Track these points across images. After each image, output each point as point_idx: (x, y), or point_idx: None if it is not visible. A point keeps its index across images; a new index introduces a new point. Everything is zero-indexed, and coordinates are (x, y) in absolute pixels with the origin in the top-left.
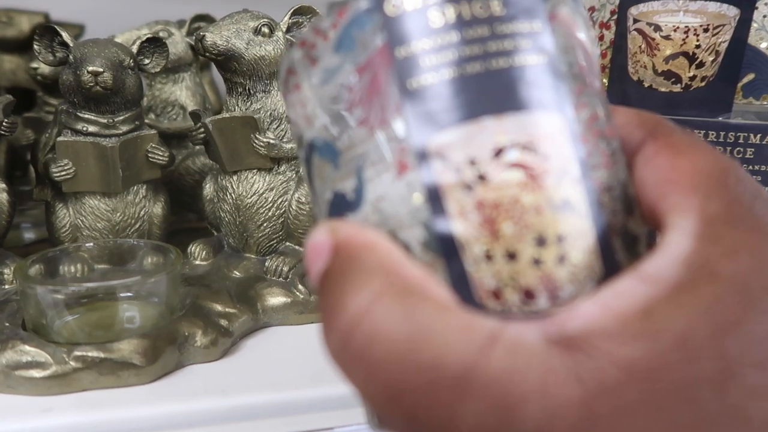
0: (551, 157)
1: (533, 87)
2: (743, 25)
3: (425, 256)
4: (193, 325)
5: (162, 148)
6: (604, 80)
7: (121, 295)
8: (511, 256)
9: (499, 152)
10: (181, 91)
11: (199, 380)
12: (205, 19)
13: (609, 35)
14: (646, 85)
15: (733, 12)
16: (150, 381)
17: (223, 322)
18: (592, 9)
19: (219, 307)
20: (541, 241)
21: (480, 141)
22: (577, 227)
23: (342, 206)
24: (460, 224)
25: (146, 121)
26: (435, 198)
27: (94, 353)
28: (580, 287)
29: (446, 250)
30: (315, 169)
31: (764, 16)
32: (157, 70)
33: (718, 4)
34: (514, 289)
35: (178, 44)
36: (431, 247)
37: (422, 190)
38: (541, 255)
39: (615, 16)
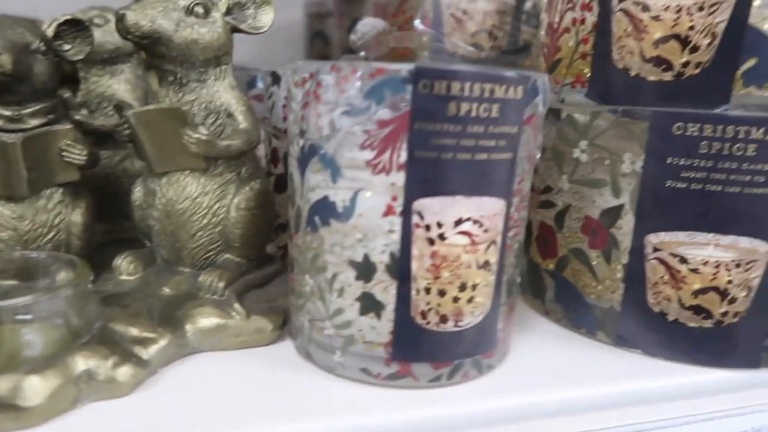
0: (490, 230)
1: (497, 178)
2: (743, 2)
3: (383, 276)
4: (96, 353)
5: (79, 146)
6: (586, 70)
7: (19, 317)
8: (441, 293)
9: (459, 222)
10: (120, 85)
11: (101, 422)
12: None
13: (591, 18)
14: (633, 73)
15: None
16: (36, 425)
17: (138, 350)
18: None
19: (135, 331)
20: (462, 287)
21: (449, 211)
22: (486, 280)
23: (330, 212)
24: (416, 263)
25: (78, 116)
26: (406, 241)
27: None
28: (474, 318)
29: (401, 277)
30: (310, 167)
31: None
32: (80, 57)
33: None
34: (436, 313)
35: (115, 33)
36: (391, 271)
37: (398, 231)
38: (459, 295)
39: (596, 13)
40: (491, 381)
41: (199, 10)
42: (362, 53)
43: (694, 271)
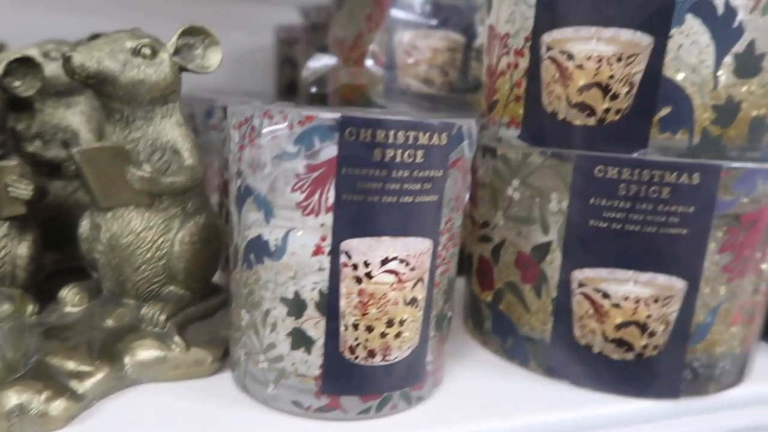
0: (416, 268)
1: (423, 219)
2: (657, 54)
3: (312, 312)
4: (29, 387)
5: (25, 181)
6: (520, 111)
7: None
8: (369, 329)
9: (385, 261)
10: (75, 117)
11: None
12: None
13: (523, 63)
14: (561, 117)
15: (646, 41)
16: None
17: (73, 383)
18: (506, 35)
19: (71, 365)
20: (390, 323)
21: (376, 251)
22: (414, 316)
23: (263, 250)
24: (344, 300)
25: (31, 148)
26: (334, 279)
27: None
28: (402, 352)
29: (330, 314)
30: (246, 207)
31: (680, 46)
32: (30, 93)
33: (632, 31)
34: (364, 348)
35: None
36: (320, 308)
37: (327, 270)
38: (387, 331)
39: (529, 43)
40: (420, 413)
41: (146, 51)
42: (313, 89)
43: (616, 305)
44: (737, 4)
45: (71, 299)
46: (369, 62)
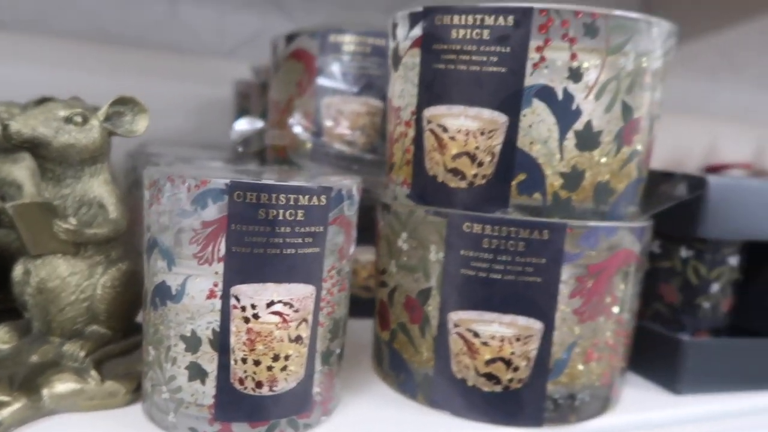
0: (300, 310)
1: (305, 268)
2: (512, 130)
3: (207, 348)
4: None
5: None
6: (410, 173)
7: None
8: (257, 363)
9: (270, 304)
10: (20, 171)
11: None
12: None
13: (411, 132)
14: (439, 180)
15: (503, 119)
16: None
17: None
18: (399, 108)
19: None
20: (276, 358)
21: (262, 295)
22: (299, 352)
23: (166, 294)
24: (234, 338)
25: None
26: (225, 319)
27: None
28: (288, 384)
29: (222, 349)
30: (153, 256)
31: (530, 124)
32: None
33: (491, 111)
34: (252, 380)
35: None
36: (213, 344)
37: (219, 311)
38: (273, 365)
39: (414, 116)
40: None
41: (78, 119)
42: (240, 149)
43: (485, 344)
44: (573, 91)
45: (2, 337)
46: (295, 125)
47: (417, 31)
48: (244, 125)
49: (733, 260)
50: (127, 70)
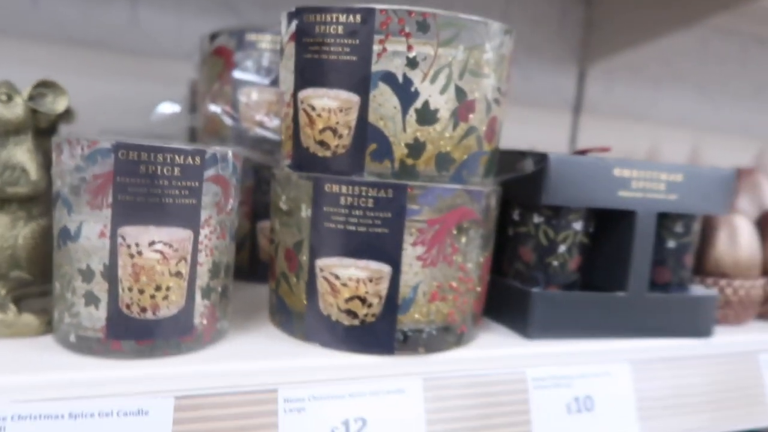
0: (179, 250)
1: (182, 215)
2: (364, 108)
3: (99, 279)
4: None
5: None
6: (290, 146)
7: None
8: (141, 291)
9: (152, 243)
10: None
11: None
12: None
13: (291, 112)
14: (311, 151)
15: (355, 98)
16: None
17: None
18: (283, 93)
19: None
20: (158, 288)
21: (144, 236)
22: (179, 285)
23: (67, 236)
24: (121, 270)
25: None
26: (114, 255)
27: None
28: (170, 311)
29: (111, 280)
30: (57, 205)
31: (379, 104)
32: None
33: (347, 92)
34: (138, 306)
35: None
36: (104, 276)
37: (108, 248)
38: (155, 294)
39: (292, 98)
40: (186, 357)
41: (3, 97)
42: (159, 130)
43: (344, 285)
44: (411, 76)
45: None
46: (214, 109)
47: (292, 28)
48: (164, 109)
49: (578, 225)
50: (89, 73)
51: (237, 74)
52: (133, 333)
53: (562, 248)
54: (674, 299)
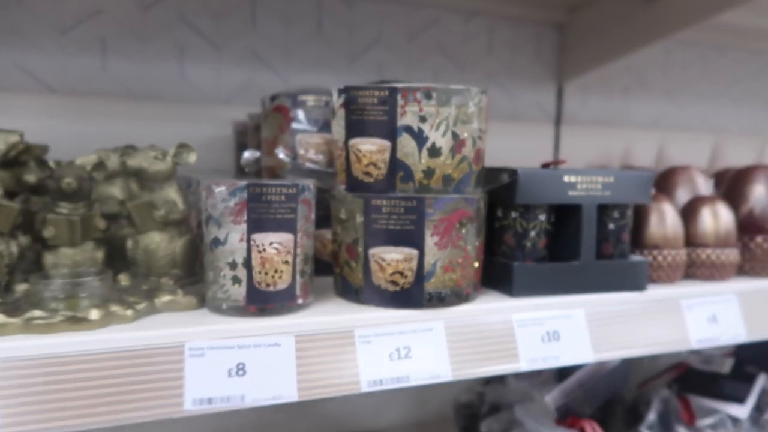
0: (286, 247)
1: (287, 225)
2: (394, 149)
3: (242, 268)
4: None
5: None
6: (344, 176)
7: None
8: (266, 273)
9: (271, 243)
10: (115, 189)
11: None
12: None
13: (343, 154)
14: (359, 179)
15: (387, 144)
16: None
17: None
18: (336, 141)
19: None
20: (276, 271)
21: (266, 239)
22: (287, 269)
23: (218, 243)
24: (254, 261)
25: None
26: (249, 252)
27: None
28: (283, 285)
29: (248, 268)
30: (210, 224)
31: (403, 146)
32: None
33: (381, 140)
34: (264, 283)
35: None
36: (244, 265)
37: (245, 248)
38: (274, 275)
39: (344, 145)
40: (294, 315)
41: (159, 156)
42: (246, 169)
43: (389, 264)
44: (423, 127)
45: (125, 278)
46: (278, 152)
47: (342, 99)
48: (248, 155)
49: (543, 217)
50: (146, 119)
51: (294, 125)
52: (263, 300)
53: (532, 234)
54: (615, 264)
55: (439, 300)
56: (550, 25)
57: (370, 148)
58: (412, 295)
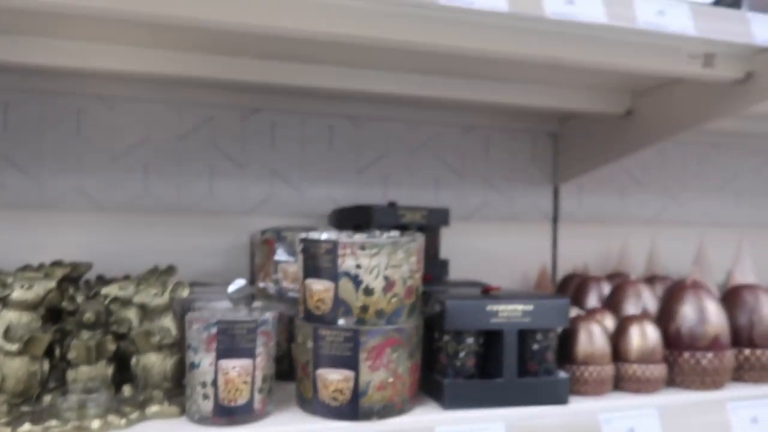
0: (247, 370)
1: (248, 352)
2: (336, 289)
3: (211, 387)
4: None
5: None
6: (303, 309)
7: None
8: (229, 391)
9: (234, 367)
10: (131, 313)
11: None
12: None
13: (303, 290)
14: (312, 311)
15: (332, 285)
16: None
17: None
18: (299, 278)
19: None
20: (237, 390)
21: (230, 364)
22: (247, 387)
23: (195, 366)
24: (220, 381)
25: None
26: (216, 374)
27: None
28: (243, 400)
29: (215, 386)
30: (189, 351)
31: (344, 287)
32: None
33: (328, 281)
34: (228, 399)
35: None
36: (212, 385)
37: (215, 372)
38: (234, 393)
39: (303, 282)
40: (252, 424)
41: (159, 292)
42: (234, 297)
43: (331, 383)
44: (359, 272)
45: (127, 390)
46: (261, 284)
47: (301, 246)
48: (233, 288)
49: (470, 340)
50: (180, 231)
51: (276, 257)
52: (227, 413)
53: (461, 354)
54: (537, 381)
55: (373, 414)
56: (544, 133)
57: (319, 287)
58: (350, 409)
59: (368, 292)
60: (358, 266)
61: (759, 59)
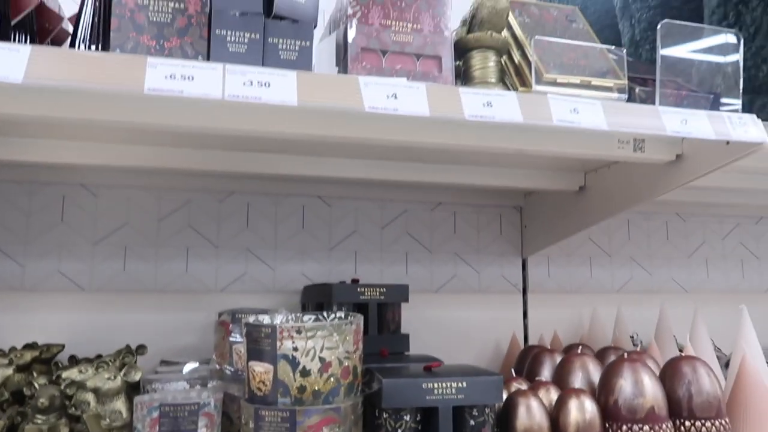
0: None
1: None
2: (276, 371)
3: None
4: None
5: None
6: (247, 390)
7: None
8: None
9: None
10: (89, 395)
11: None
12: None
13: (247, 372)
14: (254, 392)
15: (271, 368)
16: None
17: None
18: (244, 361)
19: None
20: None
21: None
22: None
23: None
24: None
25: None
26: None
27: None
28: None
29: None
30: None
31: (283, 370)
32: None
33: (268, 364)
34: None
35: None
36: None
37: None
38: None
39: (247, 365)
40: None
41: (112, 377)
42: (188, 378)
43: None
44: (296, 355)
45: None
46: (215, 362)
47: (245, 330)
48: (188, 367)
49: (408, 417)
50: (157, 310)
51: (231, 338)
52: None
53: (399, 431)
54: None
55: None
56: (511, 207)
57: (260, 369)
58: None
59: (305, 373)
60: (295, 349)
61: (686, 143)
